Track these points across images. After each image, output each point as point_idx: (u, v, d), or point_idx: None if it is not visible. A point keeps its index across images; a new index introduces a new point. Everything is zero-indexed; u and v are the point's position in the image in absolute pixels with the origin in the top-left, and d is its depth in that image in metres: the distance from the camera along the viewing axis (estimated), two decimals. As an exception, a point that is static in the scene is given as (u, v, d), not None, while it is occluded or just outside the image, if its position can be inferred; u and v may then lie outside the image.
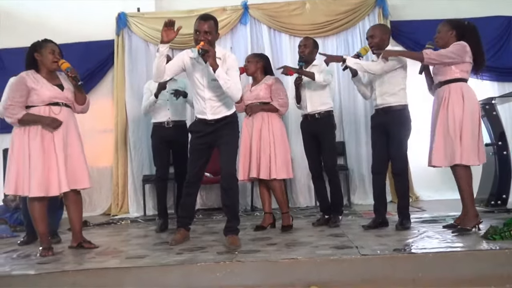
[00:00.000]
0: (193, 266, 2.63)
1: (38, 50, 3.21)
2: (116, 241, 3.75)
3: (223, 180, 3.24)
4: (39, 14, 6.18)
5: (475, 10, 5.56)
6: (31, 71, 3.21)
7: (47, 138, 3.14)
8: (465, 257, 2.58)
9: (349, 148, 5.76)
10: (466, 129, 3.18)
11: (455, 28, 3.32)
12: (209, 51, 3.08)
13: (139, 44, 5.99)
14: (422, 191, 5.69)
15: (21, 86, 3.12)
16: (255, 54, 4.27)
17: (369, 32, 3.69)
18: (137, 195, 5.75)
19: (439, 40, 3.37)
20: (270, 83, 3.94)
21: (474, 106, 3.24)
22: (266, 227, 3.90)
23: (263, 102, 3.91)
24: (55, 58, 3.21)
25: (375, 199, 3.72)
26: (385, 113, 3.58)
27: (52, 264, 2.85)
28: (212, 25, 3.19)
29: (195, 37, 3.18)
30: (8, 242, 3.97)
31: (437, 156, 3.27)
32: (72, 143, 3.25)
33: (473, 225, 3.20)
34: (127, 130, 5.87)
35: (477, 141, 3.23)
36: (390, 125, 3.54)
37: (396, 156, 3.55)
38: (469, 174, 3.24)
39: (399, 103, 3.54)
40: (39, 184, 3.07)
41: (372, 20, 5.84)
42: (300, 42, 4.07)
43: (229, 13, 5.88)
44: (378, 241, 3.05)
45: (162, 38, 3.09)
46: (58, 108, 3.20)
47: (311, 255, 2.73)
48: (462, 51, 3.21)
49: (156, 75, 3.21)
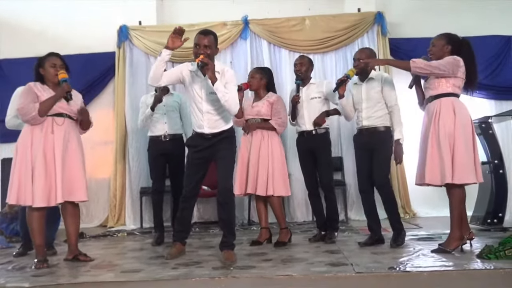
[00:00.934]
0: (188, 281, 2.64)
1: (42, 65, 3.32)
2: (112, 254, 3.74)
3: (220, 195, 3.25)
4: (41, 24, 6.26)
5: (474, 28, 5.61)
6: (38, 82, 3.31)
7: (49, 148, 3.17)
8: (460, 277, 2.58)
9: (347, 164, 5.77)
10: (458, 145, 3.09)
11: (451, 43, 3.27)
12: (208, 64, 3.13)
13: (140, 57, 6.04)
14: (420, 208, 5.68)
15: (30, 92, 3.21)
16: (259, 69, 4.23)
17: (356, 55, 3.77)
18: (134, 207, 5.75)
19: (434, 53, 3.31)
20: (272, 101, 3.97)
21: (466, 121, 3.17)
22: (262, 242, 3.90)
23: (263, 119, 3.95)
24: (56, 71, 3.28)
25: (367, 217, 3.75)
26: (370, 133, 3.65)
27: (47, 277, 2.85)
28: (212, 40, 3.24)
29: (194, 50, 3.23)
30: (4, 253, 3.96)
31: (431, 174, 3.16)
32: (71, 155, 3.28)
33: (455, 247, 3.13)
34: (126, 142, 5.89)
35: (473, 158, 3.14)
36: (374, 144, 3.60)
37: (377, 170, 3.58)
38: (461, 194, 3.16)
39: (383, 124, 3.63)
40: (42, 194, 3.10)
41: (371, 37, 5.91)
42: (296, 61, 4.10)
43: (229, 28, 5.94)
44: (373, 258, 3.05)
45: (167, 44, 3.15)
46: (61, 119, 3.26)
47: (306, 272, 2.72)
48: (455, 65, 3.16)
49: (152, 78, 3.24)
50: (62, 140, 3.21)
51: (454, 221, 3.17)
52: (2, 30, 6.31)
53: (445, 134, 3.12)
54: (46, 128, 3.19)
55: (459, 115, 3.15)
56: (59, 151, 3.18)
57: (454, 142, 3.10)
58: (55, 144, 3.18)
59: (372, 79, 3.69)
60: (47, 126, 3.20)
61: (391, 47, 5.93)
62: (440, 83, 3.22)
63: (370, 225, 3.70)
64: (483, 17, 5.96)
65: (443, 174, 3.09)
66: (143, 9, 6.16)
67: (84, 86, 5.69)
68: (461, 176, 3.08)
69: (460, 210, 3.18)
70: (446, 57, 3.24)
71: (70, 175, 3.25)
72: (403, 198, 5.66)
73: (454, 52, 3.24)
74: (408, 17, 6.05)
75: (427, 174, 3.18)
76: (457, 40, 3.31)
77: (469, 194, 4.37)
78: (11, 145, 6.00)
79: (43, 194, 3.10)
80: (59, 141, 3.20)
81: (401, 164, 5.49)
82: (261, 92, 4.04)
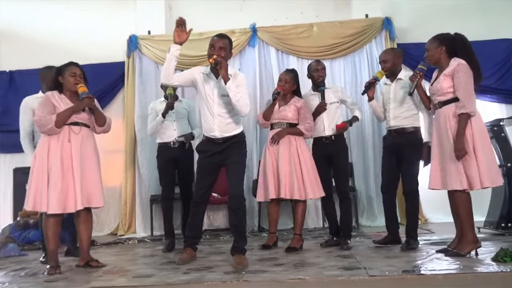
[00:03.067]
0: (200, 286, 2.63)
1: (61, 73, 3.37)
2: (123, 260, 3.75)
3: (231, 201, 3.25)
4: (51, 36, 6.36)
5: (482, 32, 5.61)
6: (55, 91, 3.35)
7: (66, 156, 3.21)
8: (475, 280, 2.54)
9: (357, 169, 5.74)
10: (479, 149, 3.02)
11: (444, 44, 3.19)
12: (222, 63, 3.17)
13: (149, 66, 6.09)
14: (431, 214, 5.62)
15: (48, 103, 3.26)
16: (290, 73, 4.04)
17: (382, 57, 3.78)
18: (145, 215, 5.76)
19: (430, 58, 3.27)
20: (300, 105, 3.95)
21: (481, 124, 3.11)
22: (271, 246, 3.93)
23: (289, 123, 3.93)
24: (76, 80, 3.34)
25: (386, 217, 3.80)
26: (398, 134, 3.64)
27: (60, 282, 2.86)
28: (226, 43, 3.32)
29: (209, 52, 3.28)
30: (16, 260, 3.99)
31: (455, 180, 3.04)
32: (88, 163, 3.31)
33: (470, 250, 3.07)
34: (136, 151, 5.92)
35: (494, 160, 3.10)
36: (402, 146, 3.59)
37: (407, 176, 3.59)
38: (467, 196, 3.08)
39: (412, 125, 3.61)
40: (58, 200, 3.13)
41: (379, 42, 5.92)
42: (317, 66, 4.03)
43: (238, 36, 5.96)
44: (386, 262, 3.02)
45: (174, 39, 3.20)
46: (78, 128, 3.30)
47: (318, 275, 2.70)
48: (468, 74, 3.07)
49: (164, 76, 3.27)
50: (80, 148, 3.26)
51: (465, 224, 3.11)
52: (13, 42, 6.42)
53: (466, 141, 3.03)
54: (63, 136, 3.24)
55: (474, 119, 3.08)
56: (77, 158, 3.23)
57: (474, 147, 3.03)
58: (73, 152, 3.23)
59: (401, 80, 3.68)
60: (64, 134, 3.24)
61: (399, 52, 5.92)
62: (449, 88, 3.15)
63: (387, 226, 3.74)
64: (491, 21, 5.94)
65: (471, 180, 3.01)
66: (152, 18, 6.23)
67: (94, 96, 5.71)
68: (488, 180, 3.01)
69: (470, 212, 3.12)
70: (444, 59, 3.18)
71: (88, 181, 3.28)
72: (414, 204, 5.60)
73: (450, 52, 3.19)
74: (416, 22, 6.04)
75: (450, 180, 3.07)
76: (450, 39, 3.22)
77: (482, 199, 4.39)
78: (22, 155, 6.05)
79: (59, 201, 3.13)
80: (76, 149, 3.24)
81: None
82: (288, 96, 3.99)
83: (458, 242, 3.19)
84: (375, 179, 5.54)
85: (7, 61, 6.38)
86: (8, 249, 4.27)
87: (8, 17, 6.51)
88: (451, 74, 3.14)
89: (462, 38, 3.24)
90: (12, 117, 6.19)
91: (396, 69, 3.70)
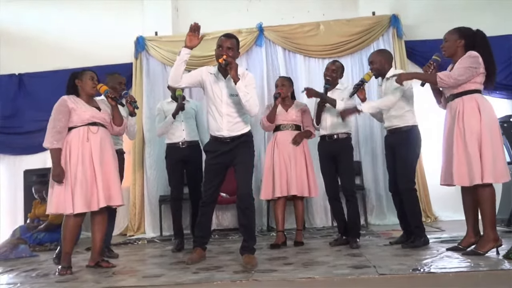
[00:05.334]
0: (209, 285, 2.63)
1: (79, 77, 3.43)
2: (133, 261, 3.77)
3: (239, 200, 3.26)
4: (61, 39, 6.41)
5: (491, 28, 5.46)
6: (72, 95, 3.40)
7: (86, 156, 3.25)
8: (486, 277, 2.52)
9: (366, 168, 5.72)
10: (485, 144, 2.96)
11: (465, 37, 3.16)
12: (232, 63, 3.18)
13: (157, 67, 6.12)
14: (441, 212, 5.59)
15: (62, 108, 3.29)
16: (286, 78, 4.36)
17: (370, 58, 3.82)
18: (154, 216, 5.79)
19: (447, 49, 3.23)
20: (304, 109, 4.25)
21: (491, 118, 3.05)
22: (280, 245, 3.97)
23: (296, 125, 4.19)
24: (94, 83, 3.41)
25: (398, 218, 3.82)
26: (392, 134, 3.70)
27: (71, 283, 2.88)
28: (234, 43, 3.33)
29: (217, 52, 3.29)
30: (28, 261, 4.02)
31: (459, 175, 3.04)
32: (107, 162, 3.35)
33: (489, 249, 3.00)
34: (144, 152, 5.94)
35: (502, 156, 3.03)
36: (396, 145, 3.64)
37: (400, 174, 3.61)
38: (492, 193, 3.03)
39: (405, 124, 3.64)
40: (84, 200, 3.18)
41: (387, 40, 5.89)
42: (329, 65, 4.11)
43: (244, 36, 5.97)
44: (396, 260, 3.00)
45: (185, 43, 3.23)
46: (96, 128, 3.34)
47: (328, 274, 2.69)
48: (477, 62, 3.04)
49: (172, 78, 3.29)
50: (99, 147, 3.30)
51: (487, 222, 3.03)
52: (23, 46, 6.48)
53: (472, 133, 3.00)
54: (82, 137, 3.27)
55: (484, 112, 3.02)
56: (97, 157, 3.27)
57: (481, 141, 2.98)
58: (93, 151, 3.27)
59: (388, 79, 3.71)
60: (83, 135, 3.28)
61: (407, 49, 5.90)
62: None
63: (401, 224, 3.79)
64: (499, 17, 5.88)
65: (472, 175, 2.97)
66: (159, 20, 6.27)
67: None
68: (491, 175, 2.96)
69: (492, 210, 3.05)
70: (460, 53, 3.14)
71: (108, 180, 3.32)
72: (423, 202, 5.57)
73: (468, 47, 3.13)
74: (423, 19, 6.00)
75: (456, 175, 3.05)
76: (471, 34, 3.18)
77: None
78: (33, 156, 6.16)
79: (84, 200, 3.18)
80: (96, 148, 3.28)
81: (421, 167, 5.52)
82: (288, 99, 4.21)
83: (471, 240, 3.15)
84: (384, 177, 5.51)
85: (16, 64, 6.44)
86: (19, 250, 4.31)
87: (17, 20, 6.57)
88: None
89: (483, 35, 3.19)
90: (22, 120, 6.30)
91: (384, 69, 3.74)
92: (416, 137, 3.68)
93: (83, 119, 3.30)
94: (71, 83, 3.43)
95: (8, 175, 6.29)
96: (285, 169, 4.04)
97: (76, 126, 3.29)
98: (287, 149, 4.07)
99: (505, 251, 2.91)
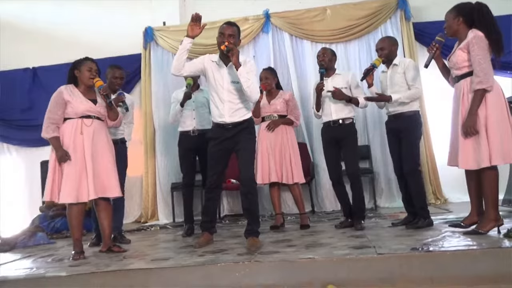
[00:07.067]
0: (213, 267, 2.73)
1: (78, 68, 3.51)
2: (144, 246, 3.90)
3: (242, 185, 3.36)
4: (73, 32, 6.53)
5: (501, 7, 5.40)
6: (70, 85, 3.50)
7: (79, 148, 3.35)
8: (484, 256, 2.55)
9: (375, 151, 5.74)
10: (491, 125, 2.92)
11: (462, 14, 3.09)
12: (234, 50, 3.25)
13: (165, 57, 6.21)
14: (451, 193, 5.57)
15: (58, 100, 3.39)
16: (268, 70, 4.49)
17: (379, 45, 3.85)
18: (166, 203, 5.92)
19: (448, 30, 3.20)
20: (288, 98, 4.37)
21: (497, 98, 2.98)
22: (279, 226, 4.20)
23: (280, 115, 4.32)
24: (92, 75, 3.48)
25: (403, 200, 3.87)
26: (396, 119, 3.72)
27: (82, 267, 3.02)
28: (235, 30, 3.40)
29: (219, 40, 3.36)
30: (45, 248, 4.20)
31: (465, 160, 3.00)
32: (101, 154, 3.43)
33: (490, 228, 3.02)
34: (155, 140, 6.06)
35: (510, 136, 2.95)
36: (401, 129, 3.68)
37: (405, 157, 3.65)
38: (495, 174, 3.02)
39: (409, 109, 3.68)
40: (70, 190, 3.28)
41: (394, 23, 5.84)
42: (318, 53, 4.15)
43: (251, 23, 6.00)
44: (397, 240, 3.06)
45: (187, 32, 3.32)
46: (89, 120, 3.42)
47: (328, 255, 2.76)
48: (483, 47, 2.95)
49: (174, 67, 3.38)
50: (92, 140, 3.38)
51: (489, 202, 3.03)
52: (37, 40, 6.63)
53: (477, 116, 2.95)
54: (76, 129, 3.37)
55: (489, 93, 2.97)
56: (89, 150, 3.35)
57: (488, 123, 2.94)
58: (85, 144, 3.35)
59: (396, 65, 3.75)
60: (77, 127, 3.37)
61: (415, 31, 5.84)
62: (464, 61, 3.06)
63: (406, 208, 3.84)
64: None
65: (480, 158, 2.93)
66: (166, 10, 6.35)
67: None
68: (500, 156, 2.92)
69: (495, 190, 3.04)
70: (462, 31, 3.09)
71: (101, 172, 3.40)
72: (433, 183, 5.58)
73: (468, 23, 3.08)
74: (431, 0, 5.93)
75: (461, 159, 3.04)
76: (468, 9, 3.10)
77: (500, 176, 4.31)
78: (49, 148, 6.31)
79: (71, 190, 3.27)
80: (89, 141, 3.36)
81: (431, 149, 5.52)
82: (273, 91, 4.37)
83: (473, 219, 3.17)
84: (393, 160, 5.52)
85: (31, 58, 6.61)
86: (37, 238, 4.49)
87: (31, 16, 6.73)
88: (466, 48, 3.05)
89: (480, 8, 3.08)
90: (37, 112, 6.44)
91: (393, 55, 3.78)
92: (419, 121, 3.76)
93: (77, 112, 3.39)
94: (71, 72, 3.51)
95: (26, 167, 6.50)
96: (267, 158, 4.21)
97: (70, 117, 3.39)
98: (269, 138, 4.25)
99: (506, 230, 2.93)
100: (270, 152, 4.22)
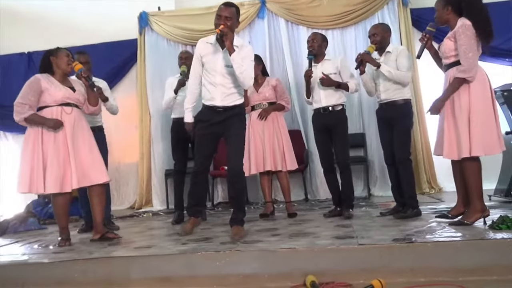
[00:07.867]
0: (194, 255, 2.72)
1: (54, 54, 3.41)
2: (132, 233, 3.90)
3: (229, 174, 3.32)
4: (67, 17, 6.48)
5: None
6: (46, 74, 3.40)
7: (60, 136, 3.28)
8: (465, 247, 2.52)
9: (370, 139, 5.70)
10: (475, 115, 2.90)
11: (451, 4, 3.02)
12: (228, 34, 3.18)
13: (160, 42, 6.16)
14: (446, 183, 5.51)
15: (35, 86, 3.29)
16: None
17: (371, 31, 3.79)
18: (161, 189, 5.94)
19: (438, 19, 3.14)
20: (275, 84, 4.34)
21: (482, 89, 2.95)
22: (269, 214, 4.18)
23: (270, 102, 4.29)
24: (70, 60, 3.41)
25: (391, 189, 3.86)
26: (388, 107, 3.67)
27: (66, 254, 3.02)
28: (233, 12, 3.30)
29: (216, 21, 3.28)
30: (35, 233, 4.23)
31: (449, 149, 3.01)
32: (82, 142, 3.38)
33: (475, 219, 3.00)
34: (150, 126, 6.04)
35: (494, 127, 2.95)
36: (393, 118, 3.64)
37: (398, 146, 3.62)
38: (476, 166, 2.98)
39: (401, 97, 3.64)
40: (55, 180, 3.22)
41: (392, 8, 5.76)
42: (308, 38, 4.08)
43: (246, 8, 5.91)
44: (382, 231, 3.04)
45: None
46: (69, 108, 3.36)
47: (310, 245, 2.75)
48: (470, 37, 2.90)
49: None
50: (73, 128, 3.32)
51: (473, 192, 3.01)
52: (32, 24, 6.58)
53: (460, 106, 2.94)
54: (55, 117, 3.28)
55: (473, 83, 2.95)
56: (70, 138, 3.29)
57: (470, 113, 2.92)
58: (67, 132, 3.28)
59: (389, 53, 3.70)
60: (56, 115, 3.29)
61: (413, 17, 5.75)
62: (451, 50, 3.02)
63: (395, 197, 3.82)
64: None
65: (460, 148, 2.94)
66: (161, -6, 6.26)
67: (108, 74, 5.84)
68: (480, 148, 2.91)
69: (478, 181, 3.02)
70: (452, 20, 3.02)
71: (83, 160, 3.34)
72: (428, 172, 5.55)
73: (457, 11, 3.01)
74: (430, -15, 5.81)
75: (445, 149, 3.04)
76: None
77: (493, 166, 4.28)
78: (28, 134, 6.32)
79: (56, 180, 3.21)
80: (69, 129, 3.30)
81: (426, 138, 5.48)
82: (259, 78, 4.29)
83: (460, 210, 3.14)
84: (388, 148, 5.48)
85: (26, 43, 6.55)
86: (28, 224, 4.52)
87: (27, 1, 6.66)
88: (453, 36, 3.00)
89: None
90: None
91: (385, 43, 3.73)
92: (411, 109, 3.75)
93: (56, 99, 3.30)
94: (46, 60, 3.40)
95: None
96: (261, 146, 4.19)
97: (48, 105, 3.30)
98: (260, 127, 4.22)
99: (491, 221, 2.90)
100: (262, 141, 4.19)
